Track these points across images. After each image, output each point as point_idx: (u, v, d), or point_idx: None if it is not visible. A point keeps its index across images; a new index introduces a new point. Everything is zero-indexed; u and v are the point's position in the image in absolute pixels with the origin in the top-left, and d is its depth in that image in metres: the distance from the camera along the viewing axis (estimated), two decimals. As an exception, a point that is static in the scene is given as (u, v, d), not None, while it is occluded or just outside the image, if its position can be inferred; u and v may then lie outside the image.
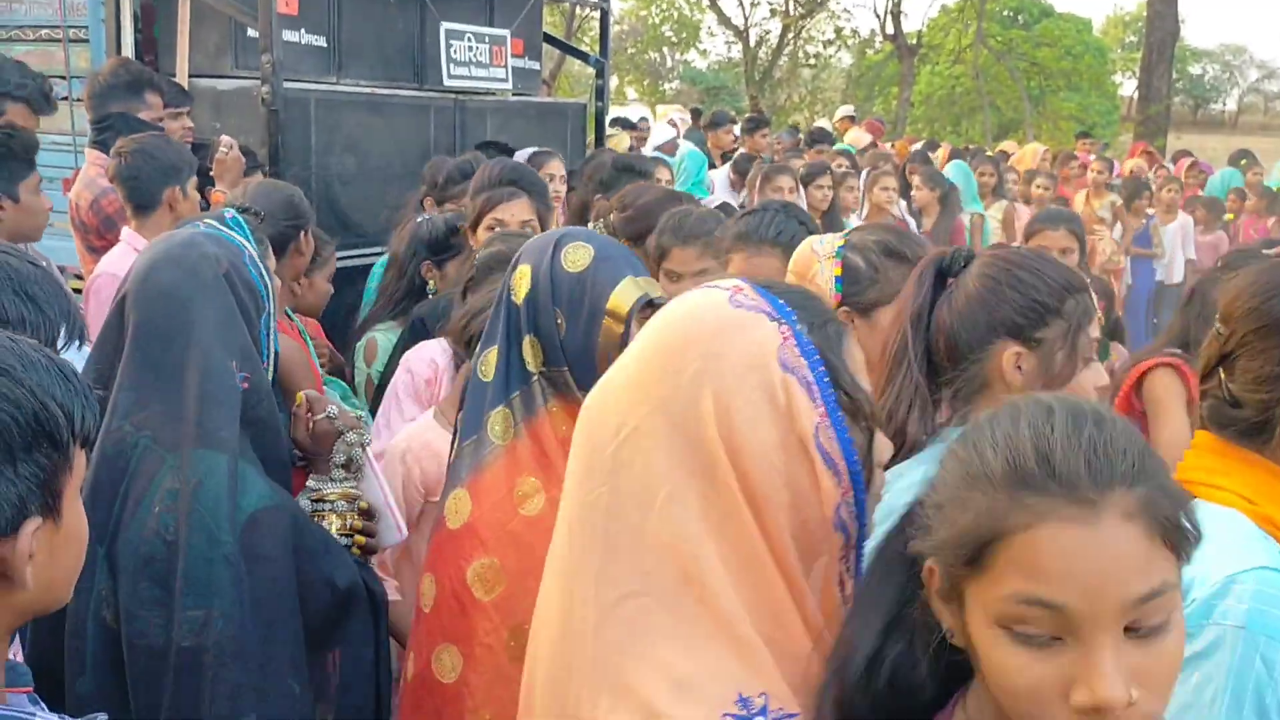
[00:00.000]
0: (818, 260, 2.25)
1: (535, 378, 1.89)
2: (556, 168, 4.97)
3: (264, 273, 2.10)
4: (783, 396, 1.15)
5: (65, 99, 5.10)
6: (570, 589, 1.23)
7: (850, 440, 1.18)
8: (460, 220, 3.54)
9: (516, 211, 3.33)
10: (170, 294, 1.97)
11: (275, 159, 4.59)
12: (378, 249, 5.22)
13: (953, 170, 8.50)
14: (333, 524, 2.18)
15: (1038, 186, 8.82)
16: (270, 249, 2.21)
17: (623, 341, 1.80)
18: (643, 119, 10.63)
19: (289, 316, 3.17)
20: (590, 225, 3.77)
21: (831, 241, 2.31)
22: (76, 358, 2.01)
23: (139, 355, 1.95)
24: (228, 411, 1.93)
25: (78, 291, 3.95)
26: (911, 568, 1.08)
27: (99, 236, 3.83)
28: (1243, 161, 11.49)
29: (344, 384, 3.36)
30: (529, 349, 1.89)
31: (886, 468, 1.30)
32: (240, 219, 2.71)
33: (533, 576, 1.75)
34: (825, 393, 1.17)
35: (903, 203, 7.22)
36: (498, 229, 3.22)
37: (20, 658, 1.45)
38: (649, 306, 1.86)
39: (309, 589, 1.99)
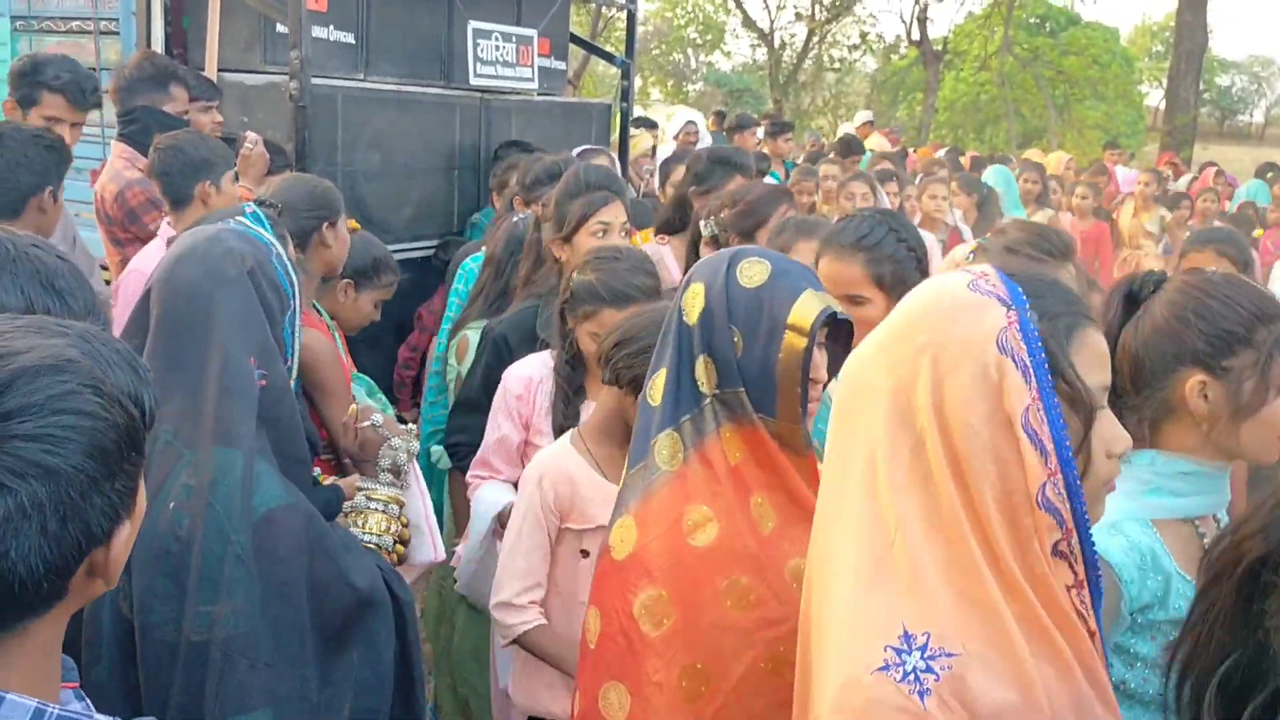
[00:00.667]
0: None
1: (708, 400, 1.80)
2: (605, 163, 4.97)
3: (289, 269, 2.11)
4: (995, 375, 1.26)
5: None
6: (822, 527, 1.41)
7: (1063, 425, 1.26)
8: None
9: (616, 213, 3.28)
10: (192, 289, 1.98)
11: (301, 155, 4.62)
12: (402, 245, 5.26)
13: (994, 175, 8.30)
14: (380, 524, 2.22)
15: (1079, 196, 8.72)
16: (290, 243, 2.21)
17: (806, 356, 1.74)
18: (690, 122, 10.49)
19: (317, 310, 3.17)
20: (703, 224, 3.78)
21: (966, 249, 2.30)
22: None
23: (161, 349, 1.96)
24: (244, 409, 1.93)
25: (107, 283, 3.99)
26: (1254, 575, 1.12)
27: (123, 229, 3.86)
28: (1269, 174, 11.41)
29: (369, 380, 3.37)
30: (702, 370, 1.80)
31: None
32: (260, 213, 2.72)
33: (704, 611, 1.76)
34: (1041, 377, 1.26)
35: (957, 212, 7.08)
36: (600, 234, 3.20)
37: None
38: (831, 320, 1.80)
39: (327, 588, 1.98)
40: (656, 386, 1.84)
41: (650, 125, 10.37)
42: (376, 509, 2.24)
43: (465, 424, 3.18)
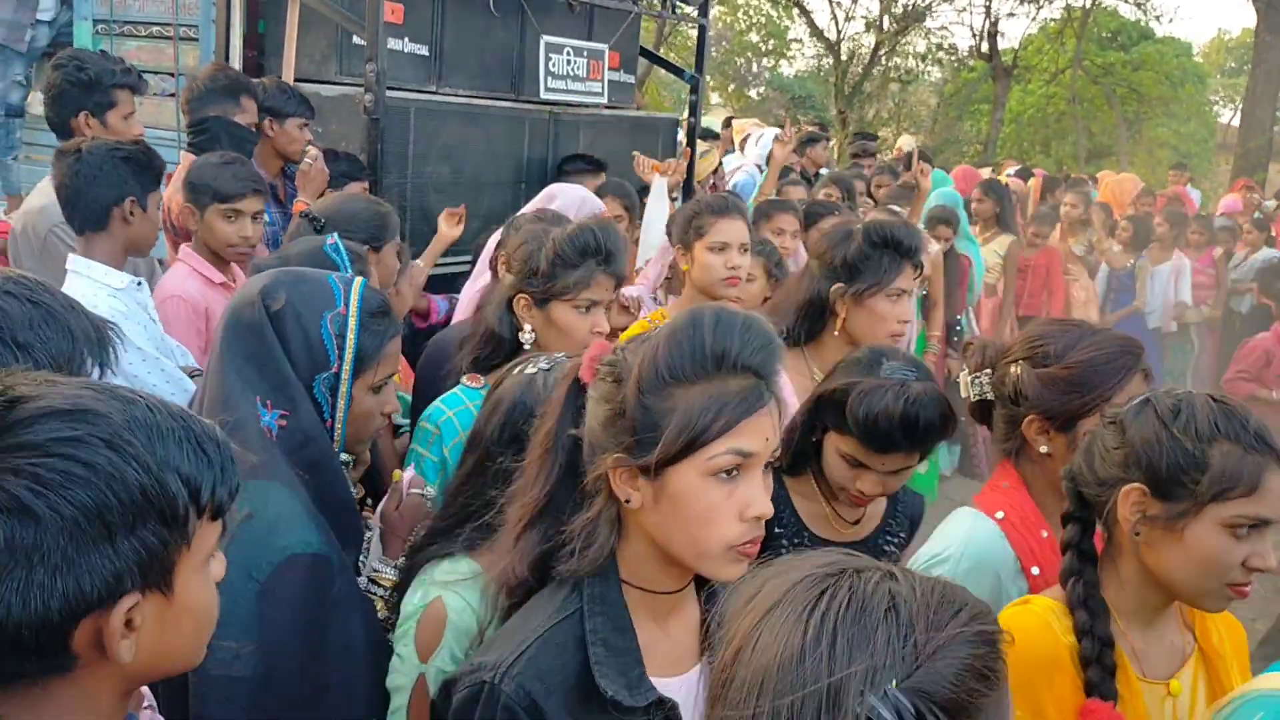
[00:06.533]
0: None
1: None
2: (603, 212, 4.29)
3: (349, 336, 1.99)
4: None
5: (173, 95, 5.22)
6: None
7: None
8: None
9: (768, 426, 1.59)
10: (220, 328, 2.00)
11: (374, 166, 4.63)
12: (468, 259, 5.26)
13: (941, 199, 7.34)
14: (381, 613, 2.05)
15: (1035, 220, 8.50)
16: (383, 312, 2.07)
17: None
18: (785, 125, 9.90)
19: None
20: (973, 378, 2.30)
21: None
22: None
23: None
24: (258, 445, 1.87)
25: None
26: None
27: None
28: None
29: (408, 398, 3.28)
30: None
31: None
32: (340, 245, 2.69)
33: None
34: None
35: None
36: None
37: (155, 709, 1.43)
38: None
39: (329, 645, 1.91)
40: None
41: (712, 136, 10.27)
42: (376, 593, 2.02)
43: None
